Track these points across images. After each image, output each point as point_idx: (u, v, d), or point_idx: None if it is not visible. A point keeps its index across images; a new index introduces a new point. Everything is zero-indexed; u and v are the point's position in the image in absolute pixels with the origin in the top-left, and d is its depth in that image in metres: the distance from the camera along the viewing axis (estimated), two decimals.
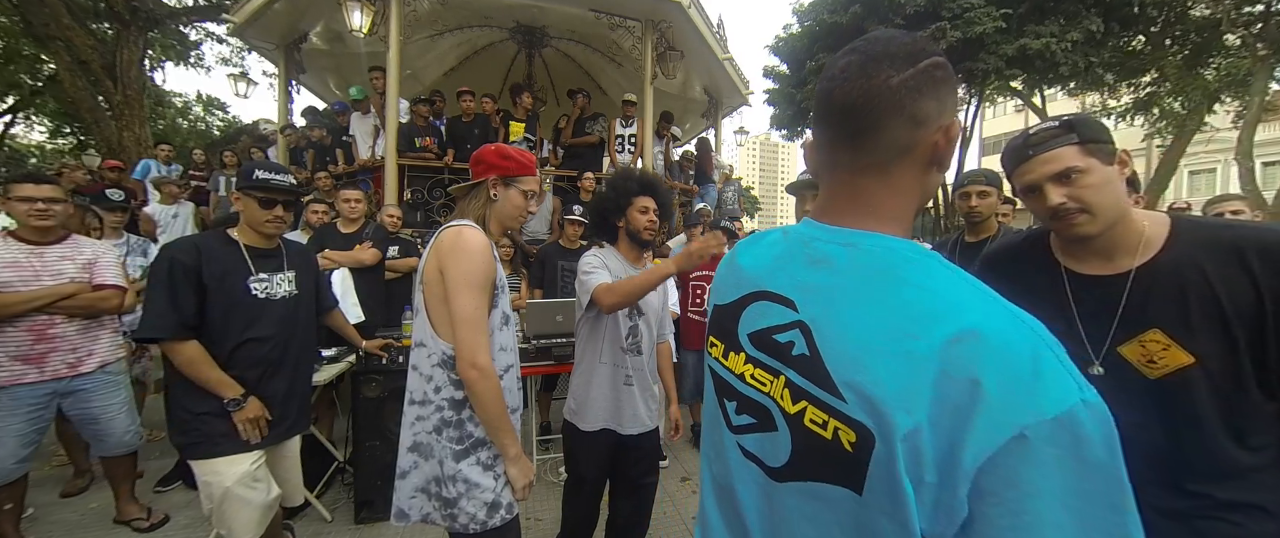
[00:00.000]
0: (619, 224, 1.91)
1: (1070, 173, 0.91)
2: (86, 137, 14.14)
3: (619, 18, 5.50)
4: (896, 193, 0.55)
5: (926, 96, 0.51)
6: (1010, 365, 0.41)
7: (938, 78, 0.51)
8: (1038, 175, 0.95)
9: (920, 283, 0.48)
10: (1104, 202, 0.91)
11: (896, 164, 0.53)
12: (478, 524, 1.27)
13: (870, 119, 0.52)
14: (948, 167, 0.57)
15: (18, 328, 2.02)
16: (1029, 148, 0.96)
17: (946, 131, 0.52)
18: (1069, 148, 0.92)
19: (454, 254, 1.24)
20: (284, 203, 1.75)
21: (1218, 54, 10.33)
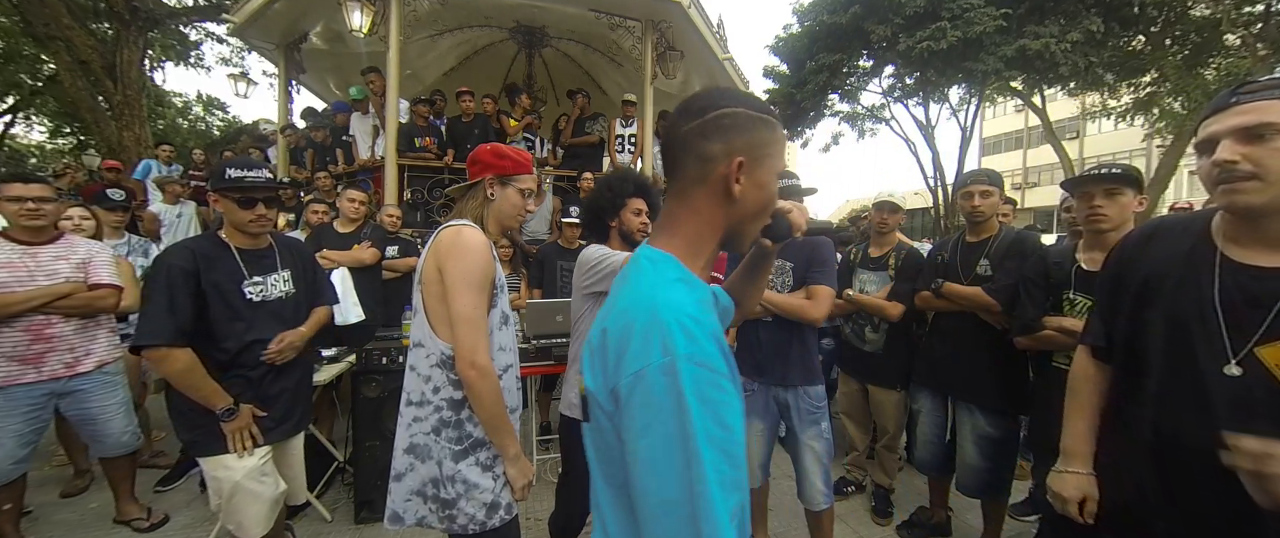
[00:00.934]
0: (612, 224, 1.96)
1: (1266, 131, 0.77)
2: (86, 136, 14.15)
3: (619, 18, 5.50)
4: (693, 214, 0.69)
5: (711, 140, 0.65)
6: (622, 338, 0.57)
7: (722, 124, 0.65)
8: (1224, 127, 0.81)
9: (632, 279, 0.65)
10: None
11: (693, 191, 0.68)
12: (476, 525, 1.26)
13: (671, 157, 0.70)
14: (755, 198, 0.68)
15: (14, 328, 2.01)
16: (1234, 95, 0.83)
17: (733, 165, 0.64)
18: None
19: (452, 254, 1.23)
20: (265, 200, 1.69)
21: (1218, 54, 10.34)
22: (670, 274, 0.64)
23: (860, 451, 2.92)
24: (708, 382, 0.52)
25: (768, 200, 0.70)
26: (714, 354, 0.55)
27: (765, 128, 0.68)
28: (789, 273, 2.02)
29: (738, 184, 0.65)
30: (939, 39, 9.79)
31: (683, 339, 0.53)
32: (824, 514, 2.04)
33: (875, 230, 2.70)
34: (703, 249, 0.70)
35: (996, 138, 31.01)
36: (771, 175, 0.69)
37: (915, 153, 15.11)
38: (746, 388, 2.11)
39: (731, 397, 0.55)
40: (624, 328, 0.58)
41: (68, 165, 9.55)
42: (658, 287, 0.60)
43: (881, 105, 15.02)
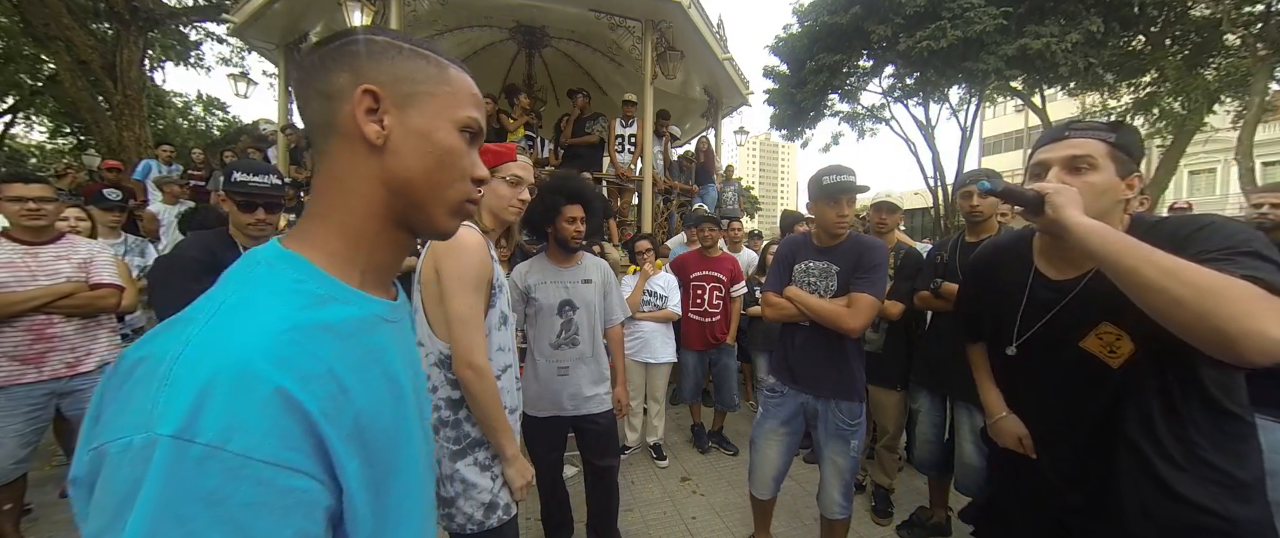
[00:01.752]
0: (548, 230, 2.03)
1: (1082, 163, 0.96)
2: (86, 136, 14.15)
3: (619, 18, 5.49)
4: (333, 182, 0.52)
5: (337, 69, 0.50)
6: (122, 381, 0.39)
7: (351, 51, 0.50)
8: (1056, 156, 0.99)
9: (213, 291, 0.47)
10: (1088, 203, 0.93)
11: (327, 144, 0.51)
12: (475, 525, 1.26)
13: (300, 108, 0.53)
14: (417, 150, 0.52)
15: (16, 328, 2.01)
16: (1068, 129, 1.01)
17: (363, 96, 0.49)
18: (1100, 143, 0.96)
19: (448, 254, 1.23)
20: (266, 205, 1.69)
21: (1218, 54, 10.34)
22: (271, 285, 0.46)
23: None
24: (222, 472, 0.34)
25: (445, 157, 0.53)
26: (260, 428, 0.36)
27: (423, 61, 0.53)
28: (834, 276, 1.88)
29: (377, 125, 0.50)
30: (939, 39, 9.80)
31: (183, 405, 0.35)
32: (837, 524, 1.99)
33: (874, 231, 2.70)
34: (357, 235, 0.52)
35: (996, 138, 31.00)
36: (442, 123, 0.53)
37: (915, 153, 15.11)
38: (775, 391, 2.04)
39: (287, 494, 0.37)
40: (134, 366, 0.39)
41: (68, 165, 9.56)
42: (223, 309, 0.42)
43: (881, 105, 15.02)
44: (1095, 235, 0.85)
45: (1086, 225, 0.87)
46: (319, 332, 0.45)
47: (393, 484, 0.50)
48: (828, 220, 1.85)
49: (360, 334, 0.50)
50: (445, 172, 0.54)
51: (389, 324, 0.55)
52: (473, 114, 0.55)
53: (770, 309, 1.99)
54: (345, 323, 0.48)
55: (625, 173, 5.64)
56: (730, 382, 3.56)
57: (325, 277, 0.50)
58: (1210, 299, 0.73)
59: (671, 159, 6.64)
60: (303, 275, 0.48)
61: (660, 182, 6.09)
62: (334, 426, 0.42)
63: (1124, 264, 0.81)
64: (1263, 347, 0.70)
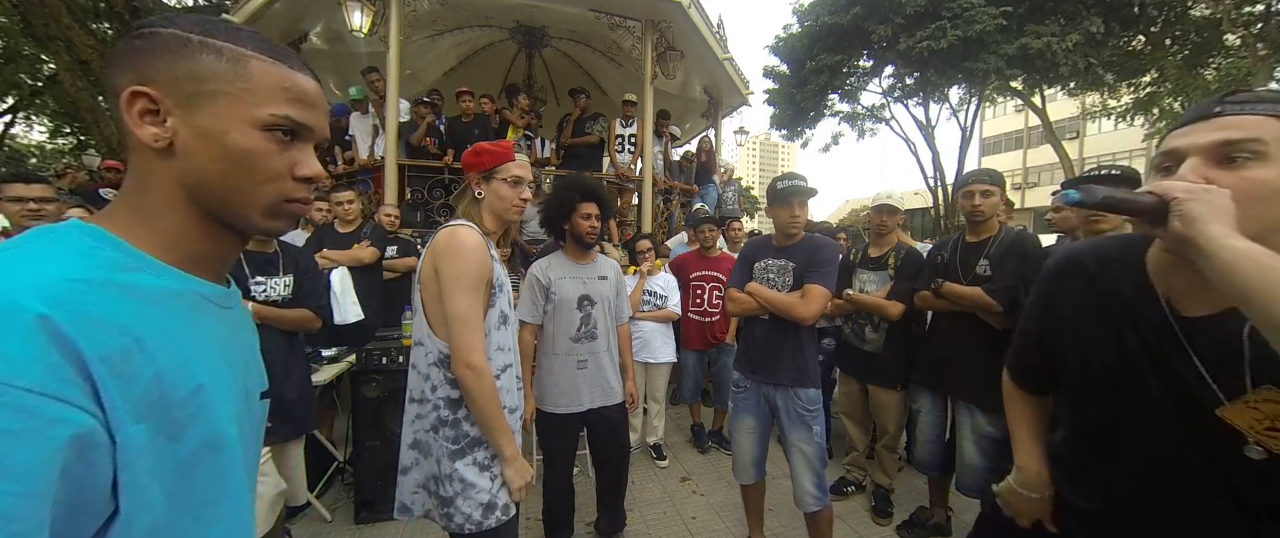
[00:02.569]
0: (565, 227, 2.11)
1: (1241, 150, 0.64)
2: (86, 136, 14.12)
3: (619, 18, 5.49)
4: (136, 178, 0.50)
5: (120, 66, 0.48)
6: None
7: (134, 47, 0.48)
8: (1197, 142, 0.68)
9: None
10: (1245, 212, 0.61)
11: (128, 147, 0.49)
12: (473, 525, 1.26)
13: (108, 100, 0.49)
14: (207, 152, 0.49)
15: None
16: (1221, 103, 0.69)
17: (132, 98, 0.46)
18: (1275, 121, 0.64)
19: (447, 254, 1.23)
20: None
21: (1218, 54, 10.34)
22: (64, 245, 0.44)
23: (860, 451, 2.92)
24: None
25: (241, 159, 0.50)
26: (22, 356, 0.35)
27: (213, 56, 0.49)
28: (789, 272, 2.03)
29: (154, 129, 0.47)
30: (939, 38, 9.80)
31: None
32: (819, 516, 2.04)
33: (874, 231, 2.70)
34: (169, 226, 0.50)
35: (996, 138, 31.00)
36: (237, 124, 0.49)
37: (915, 153, 15.12)
38: (739, 385, 2.16)
39: (48, 423, 0.35)
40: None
41: (69, 165, 9.56)
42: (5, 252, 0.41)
43: (881, 105, 15.03)
44: (1251, 263, 0.55)
45: (1236, 250, 0.57)
46: (115, 289, 0.43)
47: (201, 469, 0.47)
48: (782, 221, 2.01)
49: (175, 307, 0.48)
50: (245, 175, 0.50)
51: (217, 308, 0.54)
52: (282, 111, 0.51)
53: (733, 304, 2.12)
54: (154, 291, 0.46)
55: (625, 173, 5.64)
56: (730, 381, 3.55)
57: (132, 250, 0.47)
58: None
59: (671, 159, 6.64)
60: (102, 244, 0.46)
61: (660, 182, 6.09)
62: (119, 382, 0.40)
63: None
64: None
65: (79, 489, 0.37)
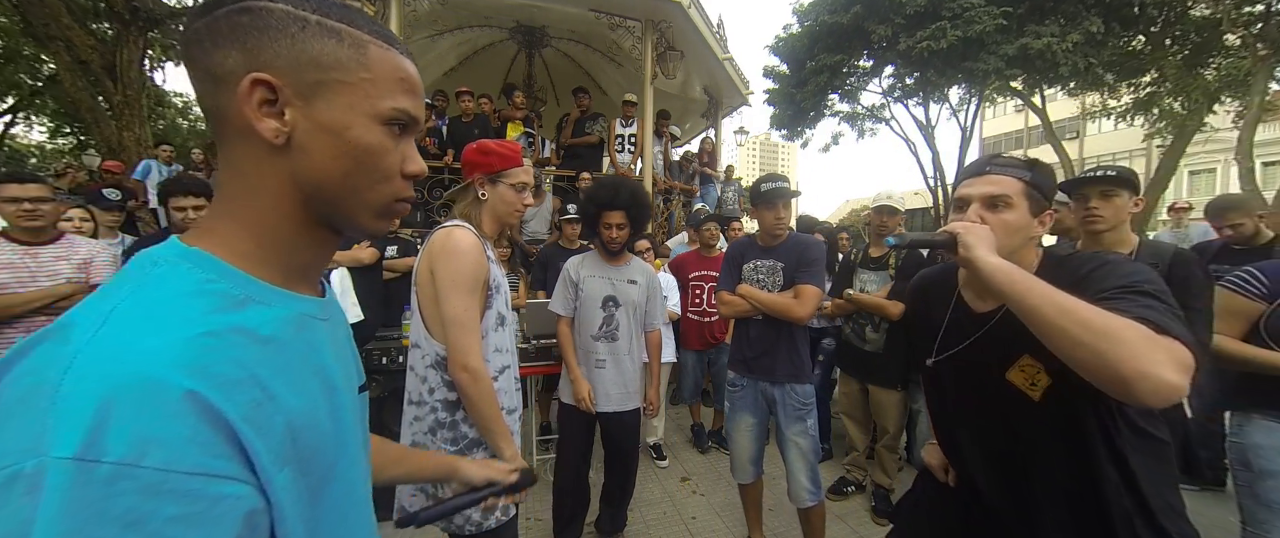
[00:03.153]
0: (597, 230, 2.16)
1: (999, 202, 0.99)
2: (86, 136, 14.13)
3: (619, 18, 5.49)
4: (239, 177, 0.45)
5: (225, 46, 0.41)
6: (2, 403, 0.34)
7: (241, 24, 0.41)
8: (976, 192, 1.02)
9: (98, 294, 0.40)
10: (1002, 243, 0.95)
11: (224, 135, 0.44)
12: (473, 526, 1.26)
13: (190, 78, 0.43)
14: (330, 149, 0.44)
15: (17, 330, 2.01)
16: (989, 164, 1.04)
17: (251, 86, 0.41)
18: (1016, 181, 1.00)
19: (443, 256, 1.22)
20: None
21: (1218, 54, 10.34)
22: (173, 287, 0.40)
23: (860, 451, 2.92)
24: (139, 490, 0.31)
25: (362, 157, 0.45)
26: (173, 439, 0.33)
27: (333, 40, 0.43)
28: (779, 273, 2.06)
29: (274, 122, 0.42)
30: (939, 38, 9.79)
31: (81, 422, 0.30)
32: (812, 511, 2.07)
33: (874, 231, 2.70)
34: (275, 237, 0.46)
35: (996, 138, 30.99)
36: (360, 117, 0.45)
37: (915, 153, 15.11)
38: (735, 384, 2.18)
39: (216, 502, 0.34)
40: (13, 382, 0.34)
41: (69, 165, 9.55)
42: (114, 315, 0.36)
43: (881, 105, 15.02)
44: (1001, 273, 0.86)
45: (993, 264, 0.88)
46: (237, 336, 0.40)
47: (330, 490, 0.47)
48: (767, 223, 2.06)
49: (288, 336, 0.45)
50: (366, 173, 0.46)
51: (320, 322, 0.51)
52: (399, 104, 0.47)
53: (725, 307, 2.15)
54: (268, 325, 0.43)
55: (625, 173, 5.64)
56: None
57: (240, 275, 0.44)
58: (1104, 341, 0.73)
59: (671, 159, 6.64)
60: (213, 275, 0.42)
61: (660, 182, 6.09)
62: (260, 435, 0.38)
63: (1027, 304, 0.81)
64: (1155, 388, 0.70)
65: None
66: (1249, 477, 1.59)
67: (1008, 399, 1.00)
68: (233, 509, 0.35)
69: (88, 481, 0.29)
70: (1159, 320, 0.76)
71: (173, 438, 0.33)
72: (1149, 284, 0.85)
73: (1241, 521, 1.62)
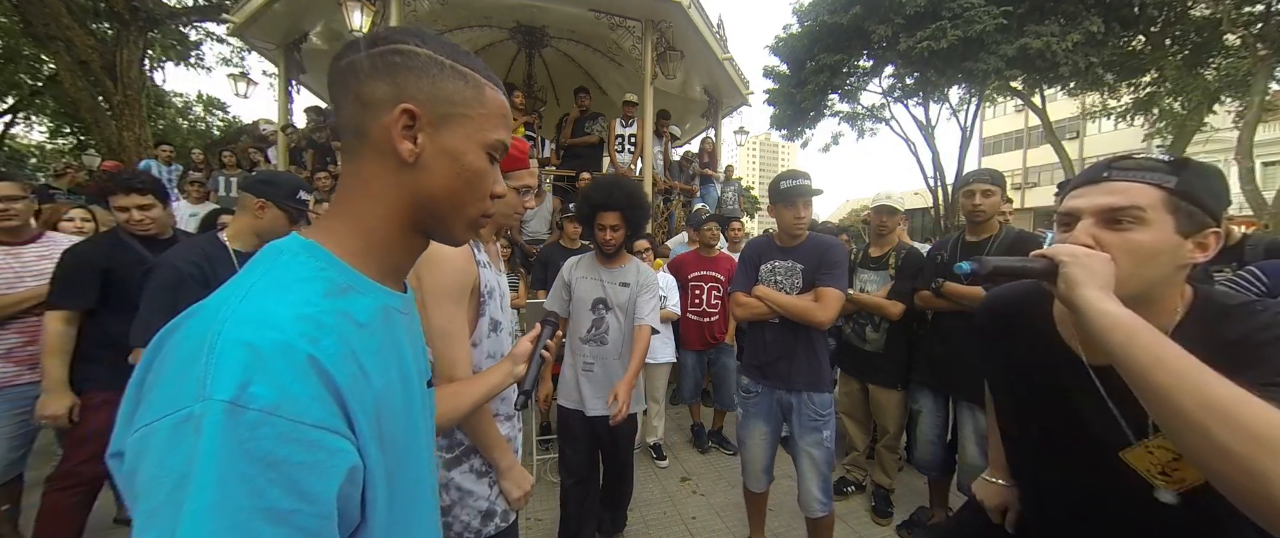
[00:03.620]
0: (592, 231, 2.09)
1: (1125, 216, 0.71)
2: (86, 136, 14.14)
3: (619, 18, 5.49)
4: (360, 185, 0.54)
5: (378, 78, 0.51)
6: (162, 365, 0.42)
7: (394, 62, 0.51)
8: (1089, 204, 0.74)
9: (236, 278, 0.48)
10: (1129, 271, 0.69)
11: (359, 149, 0.53)
12: (472, 533, 1.23)
13: (333, 98, 0.54)
14: (446, 170, 0.54)
15: (8, 330, 2.00)
16: (1108, 168, 0.76)
17: (401, 114, 0.50)
18: (1153, 189, 0.71)
19: (427, 263, 1.14)
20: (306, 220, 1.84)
21: (1218, 54, 10.33)
22: (295, 272, 0.47)
23: (860, 451, 2.91)
24: (276, 436, 0.37)
25: (472, 179, 0.55)
26: (303, 394, 0.39)
27: (460, 81, 0.54)
28: (799, 274, 1.98)
29: (410, 144, 0.51)
30: (939, 38, 9.80)
31: (234, 375, 0.37)
32: (821, 522, 2.01)
33: (874, 231, 2.70)
34: (378, 236, 0.54)
35: (996, 138, 30.99)
36: (474, 146, 0.54)
37: (915, 153, 15.11)
38: (750, 390, 2.10)
39: (333, 454, 0.40)
40: (174, 347, 0.41)
41: (68, 165, 9.54)
42: (252, 292, 0.44)
43: (881, 105, 15.02)
44: (1119, 331, 0.62)
45: (1108, 316, 0.63)
46: (341, 318, 0.47)
47: (403, 475, 0.52)
48: (787, 222, 1.96)
49: (377, 324, 0.52)
50: (470, 191, 0.56)
51: (402, 315, 0.58)
52: (501, 136, 0.57)
53: (741, 309, 2.07)
54: (364, 312, 0.50)
55: (625, 173, 5.64)
56: (729, 381, 3.55)
57: (345, 267, 0.51)
58: (1266, 454, 0.52)
59: (672, 159, 6.63)
60: (324, 264, 0.50)
61: (660, 182, 6.08)
62: (358, 407, 0.44)
63: (1152, 382, 0.58)
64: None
65: (346, 507, 0.43)
66: None
67: (1119, 477, 0.75)
68: (343, 462, 0.41)
69: (238, 423, 0.36)
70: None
71: (301, 394, 0.40)
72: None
73: None
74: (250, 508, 0.36)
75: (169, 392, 0.38)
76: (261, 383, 0.38)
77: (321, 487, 0.39)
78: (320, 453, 0.39)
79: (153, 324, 1.51)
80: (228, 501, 0.35)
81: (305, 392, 0.40)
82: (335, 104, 0.54)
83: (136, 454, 0.38)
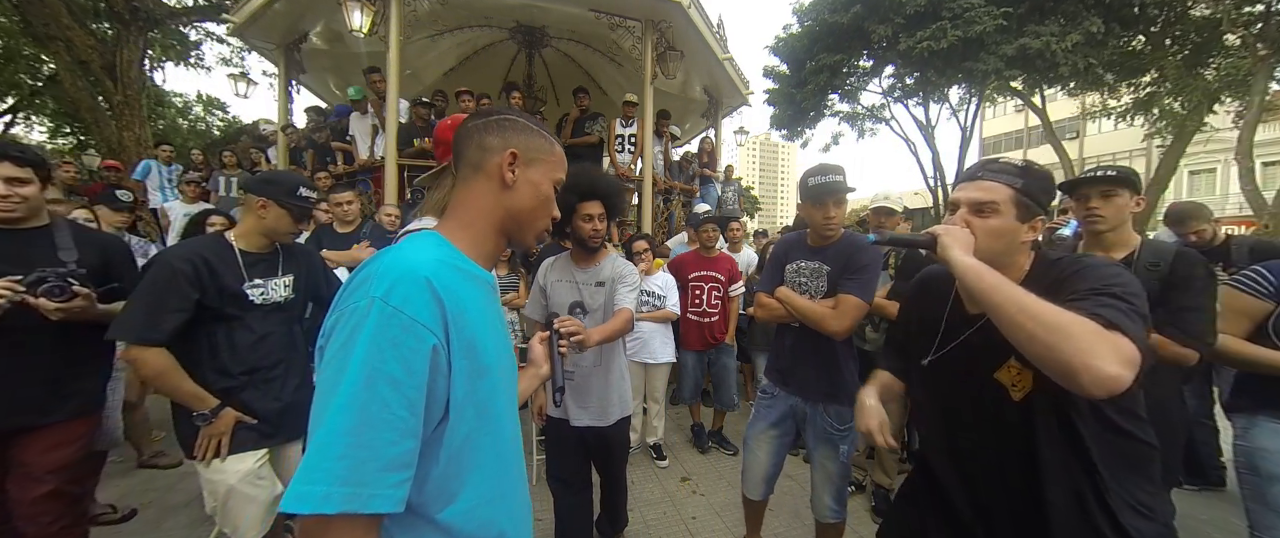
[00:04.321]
0: (568, 230, 1.94)
1: (985, 208, 1.02)
2: (86, 136, 14.14)
3: (619, 18, 5.49)
4: (472, 199, 0.81)
5: (491, 134, 0.81)
6: (346, 289, 0.69)
7: (504, 124, 0.82)
8: (965, 197, 1.06)
9: (387, 251, 0.73)
10: (986, 247, 1.00)
11: (472, 178, 0.81)
12: None
13: (458, 149, 0.83)
14: (528, 193, 0.83)
15: None
16: (982, 169, 1.07)
17: (506, 155, 0.80)
18: (1006, 188, 1.02)
19: None
20: (309, 217, 1.82)
21: (1218, 54, 10.33)
22: (425, 243, 0.75)
23: (860, 451, 2.92)
24: (400, 325, 0.61)
25: (542, 200, 0.84)
26: (418, 303, 0.63)
27: (542, 140, 0.84)
28: (824, 276, 1.84)
29: (511, 174, 0.80)
30: (939, 39, 9.80)
31: (385, 284, 0.63)
32: (830, 528, 1.94)
33: (873, 232, 2.70)
34: (480, 234, 0.81)
35: (996, 138, 30.98)
36: (546, 179, 0.84)
37: (915, 153, 15.11)
38: (767, 393, 2.02)
39: (425, 341, 0.63)
40: (353, 282, 0.69)
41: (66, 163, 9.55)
42: (402, 250, 0.70)
43: (881, 105, 15.02)
44: (971, 273, 0.93)
45: (965, 264, 0.95)
46: (454, 270, 0.73)
47: (490, 409, 0.74)
48: (815, 222, 1.84)
49: (479, 288, 0.77)
50: (542, 210, 0.86)
51: (493, 289, 0.86)
52: (561, 176, 0.88)
53: (762, 310, 1.97)
54: (471, 277, 0.76)
55: (625, 173, 5.64)
56: (729, 381, 3.56)
57: (455, 251, 0.78)
58: (1055, 335, 0.79)
59: (672, 159, 6.63)
60: (444, 246, 0.77)
61: (660, 182, 6.08)
62: (455, 328, 0.67)
63: (991, 301, 0.88)
64: (1095, 379, 0.75)
65: (432, 393, 0.65)
66: (1256, 481, 1.56)
67: (991, 398, 1.05)
68: (433, 355, 0.64)
69: (383, 311, 0.62)
70: (1110, 317, 0.81)
71: (417, 301, 0.64)
72: (1117, 287, 0.88)
73: (1249, 525, 1.59)
74: (377, 371, 0.60)
75: (353, 296, 0.65)
76: (398, 290, 0.63)
77: (419, 367, 0.62)
78: (420, 343, 0.63)
79: (132, 321, 1.49)
80: (368, 361, 0.60)
81: (420, 300, 0.64)
82: (459, 151, 0.82)
83: (333, 324, 0.66)
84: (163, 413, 3.12)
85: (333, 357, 0.62)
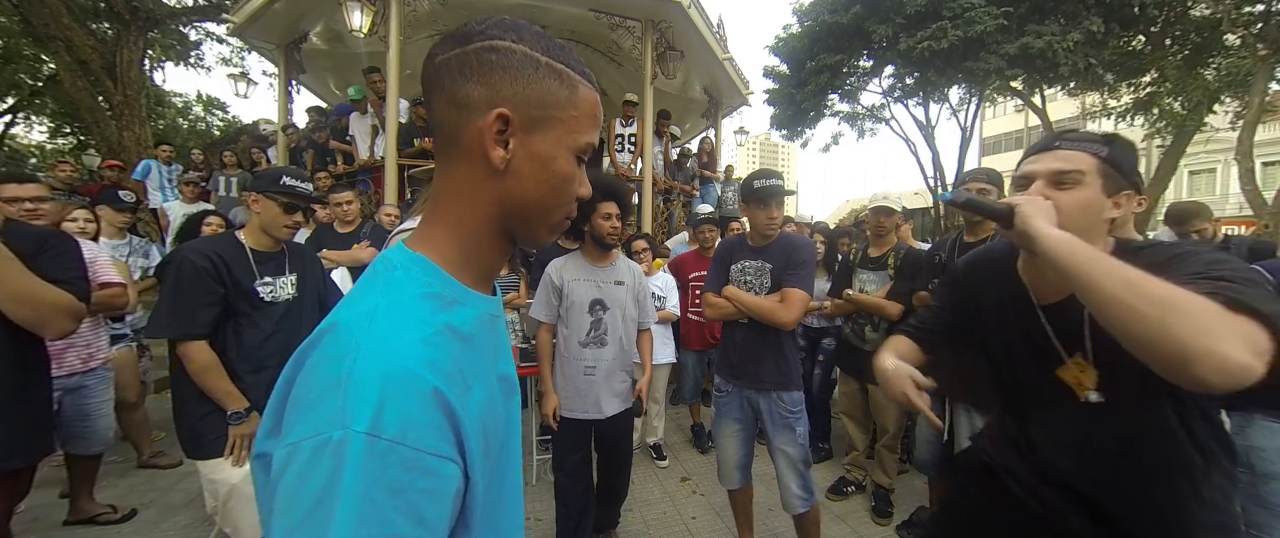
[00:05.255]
0: (585, 228, 2.06)
1: (1067, 179, 0.91)
2: (86, 136, 14.14)
3: (619, 18, 5.50)
4: (454, 192, 0.52)
5: (470, 79, 0.48)
6: (306, 384, 0.43)
7: (488, 61, 0.48)
8: (1041, 168, 0.94)
9: (357, 293, 0.50)
10: (1068, 223, 0.87)
11: (451, 153, 0.51)
12: None
13: (426, 98, 0.52)
14: (537, 177, 0.51)
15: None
16: (1059, 139, 0.96)
17: (490, 119, 0.48)
18: (1090, 157, 0.91)
19: None
20: (303, 210, 1.81)
21: (1218, 54, 10.33)
22: (409, 289, 0.49)
23: (860, 451, 2.92)
24: (402, 464, 0.39)
25: (557, 182, 0.52)
26: (424, 423, 0.41)
27: (556, 81, 0.50)
28: (767, 274, 1.98)
29: (501, 150, 0.49)
30: (940, 38, 9.79)
31: (369, 403, 0.39)
32: (805, 517, 2.01)
33: (873, 232, 2.71)
34: (474, 247, 0.54)
35: (996, 138, 30.99)
36: (563, 150, 0.52)
37: (915, 153, 15.10)
38: (722, 389, 2.12)
39: (445, 479, 0.42)
40: (314, 368, 0.44)
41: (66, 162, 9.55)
42: (377, 314, 0.45)
43: (881, 105, 15.01)
44: (1064, 245, 0.80)
45: (1054, 236, 0.83)
46: (449, 334, 0.48)
47: (502, 473, 0.55)
48: (759, 222, 1.96)
49: (479, 334, 0.53)
50: (557, 197, 0.54)
51: (496, 320, 0.60)
52: (591, 139, 0.54)
53: (711, 309, 2.07)
54: (467, 324, 0.51)
55: (625, 173, 5.65)
56: None
57: (449, 279, 0.52)
58: (1171, 314, 0.67)
59: (671, 159, 6.64)
60: (431, 278, 0.51)
61: (660, 182, 6.09)
62: (467, 422, 0.45)
63: (1089, 276, 0.76)
64: (1219, 366, 0.64)
65: (452, 521, 0.45)
66: (1250, 479, 1.59)
67: (1057, 395, 0.97)
68: (453, 487, 0.43)
69: (373, 451, 0.38)
70: (1235, 296, 0.69)
71: (425, 424, 0.41)
72: (1229, 269, 0.76)
73: (1243, 523, 1.61)
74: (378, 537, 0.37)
75: (311, 414, 0.40)
76: (391, 413, 0.39)
77: (437, 513, 0.41)
78: (439, 480, 0.41)
79: (168, 319, 1.56)
80: (359, 529, 0.36)
81: (427, 421, 0.41)
82: (428, 104, 0.52)
83: (280, 469, 0.39)
84: (162, 413, 3.12)
85: (297, 522, 0.37)
